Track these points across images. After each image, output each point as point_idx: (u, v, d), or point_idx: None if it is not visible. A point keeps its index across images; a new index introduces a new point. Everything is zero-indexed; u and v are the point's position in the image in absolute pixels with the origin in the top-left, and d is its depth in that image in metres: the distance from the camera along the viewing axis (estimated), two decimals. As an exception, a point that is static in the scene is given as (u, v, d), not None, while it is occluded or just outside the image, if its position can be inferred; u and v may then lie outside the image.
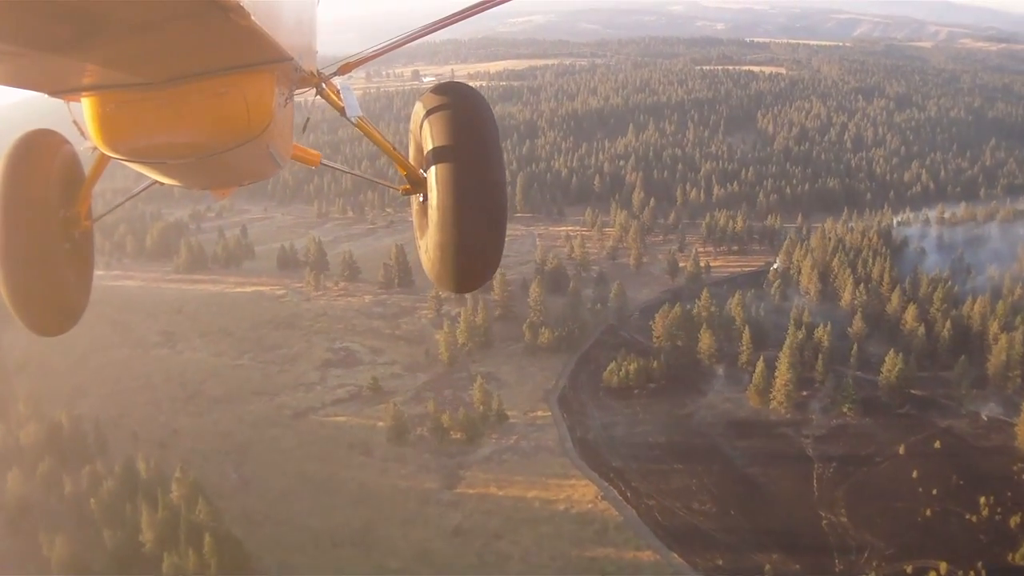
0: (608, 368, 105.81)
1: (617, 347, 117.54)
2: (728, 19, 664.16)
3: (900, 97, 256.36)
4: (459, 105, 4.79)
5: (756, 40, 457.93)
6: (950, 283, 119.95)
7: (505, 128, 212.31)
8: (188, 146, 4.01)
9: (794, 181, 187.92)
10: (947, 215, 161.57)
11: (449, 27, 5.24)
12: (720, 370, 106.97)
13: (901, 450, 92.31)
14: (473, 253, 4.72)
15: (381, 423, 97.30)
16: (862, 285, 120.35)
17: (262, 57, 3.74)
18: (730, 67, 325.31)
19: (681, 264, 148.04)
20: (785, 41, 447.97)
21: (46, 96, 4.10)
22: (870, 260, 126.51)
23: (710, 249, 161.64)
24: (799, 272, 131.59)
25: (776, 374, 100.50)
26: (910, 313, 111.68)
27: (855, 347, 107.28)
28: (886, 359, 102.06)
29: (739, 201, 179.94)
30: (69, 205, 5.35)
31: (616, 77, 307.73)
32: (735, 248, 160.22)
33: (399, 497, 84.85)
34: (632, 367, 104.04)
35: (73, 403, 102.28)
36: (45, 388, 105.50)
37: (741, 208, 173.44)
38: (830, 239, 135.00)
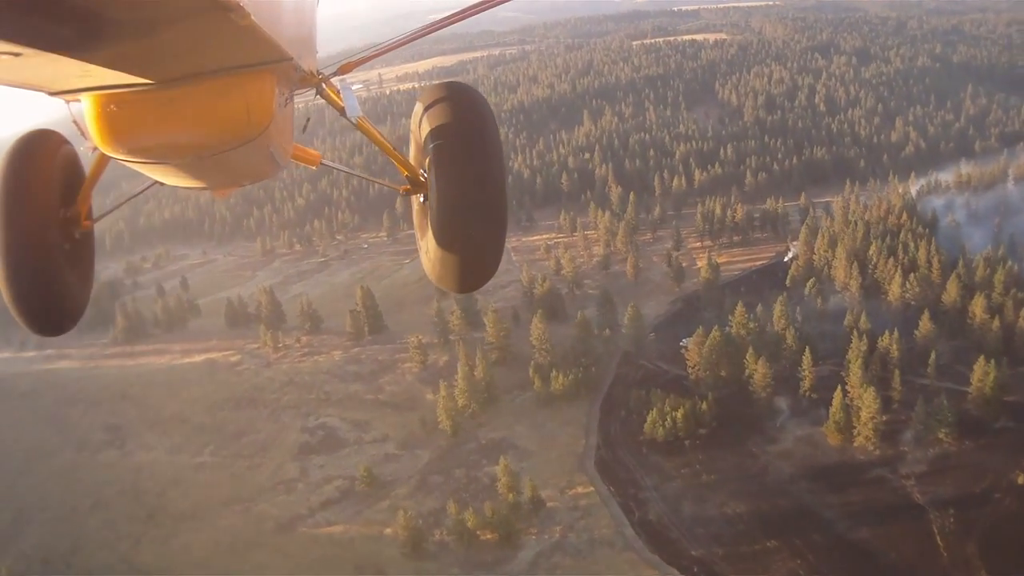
0: (649, 418, 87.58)
1: (642, 382, 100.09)
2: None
3: (859, 52, 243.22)
4: (459, 104, 4.65)
5: (684, 8, 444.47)
6: (1010, 263, 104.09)
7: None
8: (188, 146, 3.98)
9: (779, 155, 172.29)
10: (963, 177, 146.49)
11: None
12: (783, 403, 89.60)
13: (1020, 479, 76.43)
14: (474, 253, 4.61)
15: (389, 530, 78.02)
16: (911, 275, 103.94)
17: (262, 57, 3.70)
18: (670, 38, 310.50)
19: (684, 264, 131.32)
20: (714, 6, 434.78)
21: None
22: (911, 243, 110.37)
23: (708, 243, 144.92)
24: (828, 265, 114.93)
25: (854, 400, 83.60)
26: (978, 304, 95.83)
27: (933, 354, 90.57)
28: (975, 367, 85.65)
29: (725, 184, 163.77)
30: (69, 205, 5.23)
31: (554, 62, 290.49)
32: (736, 239, 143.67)
33: (436, 639, 66.09)
34: (679, 414, 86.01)
35: (16, 536, 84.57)
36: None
37: (731, 192, 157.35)
38: (857, 223, 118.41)
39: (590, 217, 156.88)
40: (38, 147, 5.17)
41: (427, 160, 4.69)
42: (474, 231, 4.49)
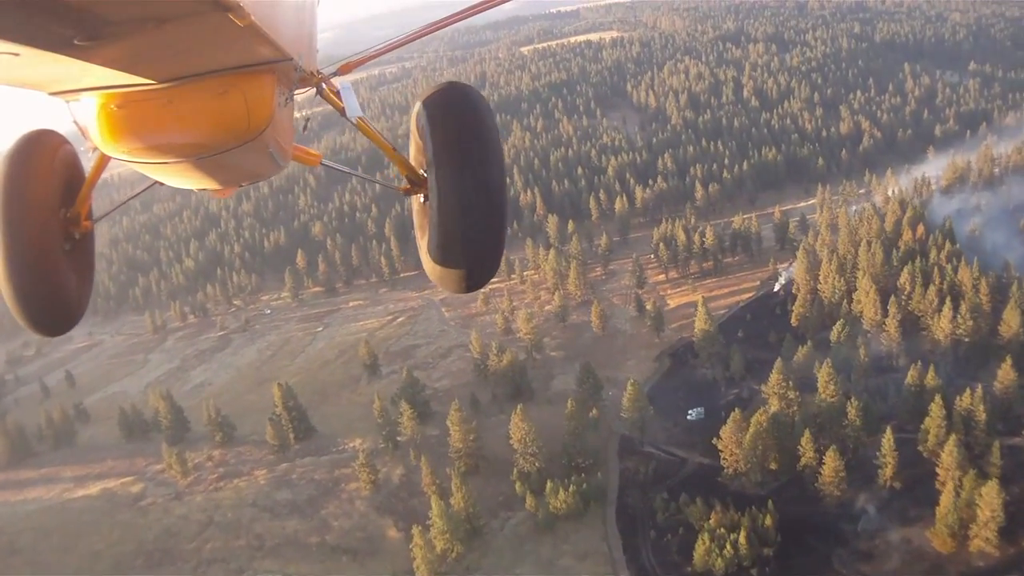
0: (698, 547, 65.83)
1: (658, 480, 79.35)
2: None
3: (773, 37, 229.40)
4: (459, 105, 4.59)
5: (562, 9, 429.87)
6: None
7: (346, 164, 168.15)
8: (188, 146, 3.95)
9: (725, 161, 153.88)
10: (957, 171, 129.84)
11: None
12: (861, 499, 69.38)
13: None
14: (475, 253, 4.52)
15: None
16: (961, 305, 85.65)
17: (262, 57, 3.72)
18: (560, 41, 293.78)
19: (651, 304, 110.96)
20: (593, 4, 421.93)
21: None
22: (946, 264, 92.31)
23: (674, 275, 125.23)
24: (846, 297, 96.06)
25: (948, 482, 64.15)
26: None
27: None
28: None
29: (673, 201, 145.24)
30: (69, 205, 5.09)
31: (442, 76, 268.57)
32: (706, 266, 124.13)
33: None
34: (741, 536, 64.77)
35: None
36: None
37: (684, 209, 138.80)
38: (869, 242, 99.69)
39: (527, 255, 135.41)
40: (38, 147, 5.00)
41: (427, 160, 4.58)
42: (474, 231, 4.39)
